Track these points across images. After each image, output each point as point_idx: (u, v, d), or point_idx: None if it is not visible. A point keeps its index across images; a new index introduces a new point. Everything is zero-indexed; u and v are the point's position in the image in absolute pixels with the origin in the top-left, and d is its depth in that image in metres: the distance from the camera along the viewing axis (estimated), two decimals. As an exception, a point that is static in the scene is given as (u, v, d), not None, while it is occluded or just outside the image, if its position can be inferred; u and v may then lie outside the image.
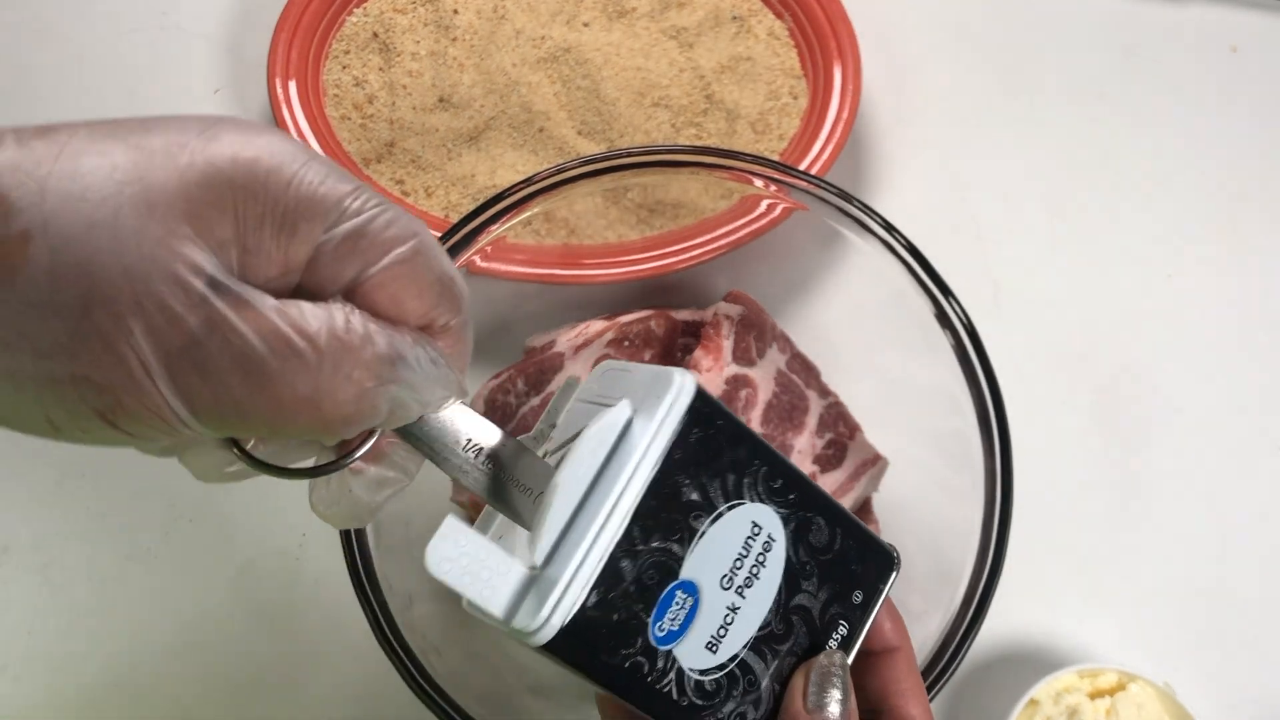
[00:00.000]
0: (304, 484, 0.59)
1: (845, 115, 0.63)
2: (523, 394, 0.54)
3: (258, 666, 0.57)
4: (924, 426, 0.53)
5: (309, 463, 0.28)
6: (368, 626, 0.46)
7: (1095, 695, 0.53)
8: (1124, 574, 0.60)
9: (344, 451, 0.28)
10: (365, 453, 0.28)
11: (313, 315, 0.23)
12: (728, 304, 0.56)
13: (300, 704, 0.56)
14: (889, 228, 0.51)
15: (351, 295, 0.25)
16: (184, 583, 0.58)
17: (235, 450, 0.26)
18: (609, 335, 0.55)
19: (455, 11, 0.66)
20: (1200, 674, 0.58)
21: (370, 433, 0.28)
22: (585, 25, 0.67)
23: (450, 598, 0.56)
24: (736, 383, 0.53)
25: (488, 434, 0.29)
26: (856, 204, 0.51)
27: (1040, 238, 0.68)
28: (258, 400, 0.23)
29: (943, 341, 0.50)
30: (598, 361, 0.55)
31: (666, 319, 0.57)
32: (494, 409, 0.54)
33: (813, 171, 0.62)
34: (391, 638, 0.46)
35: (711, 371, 0.53)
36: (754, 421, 0.53)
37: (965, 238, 0.68)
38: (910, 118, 0.71)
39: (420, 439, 0.28)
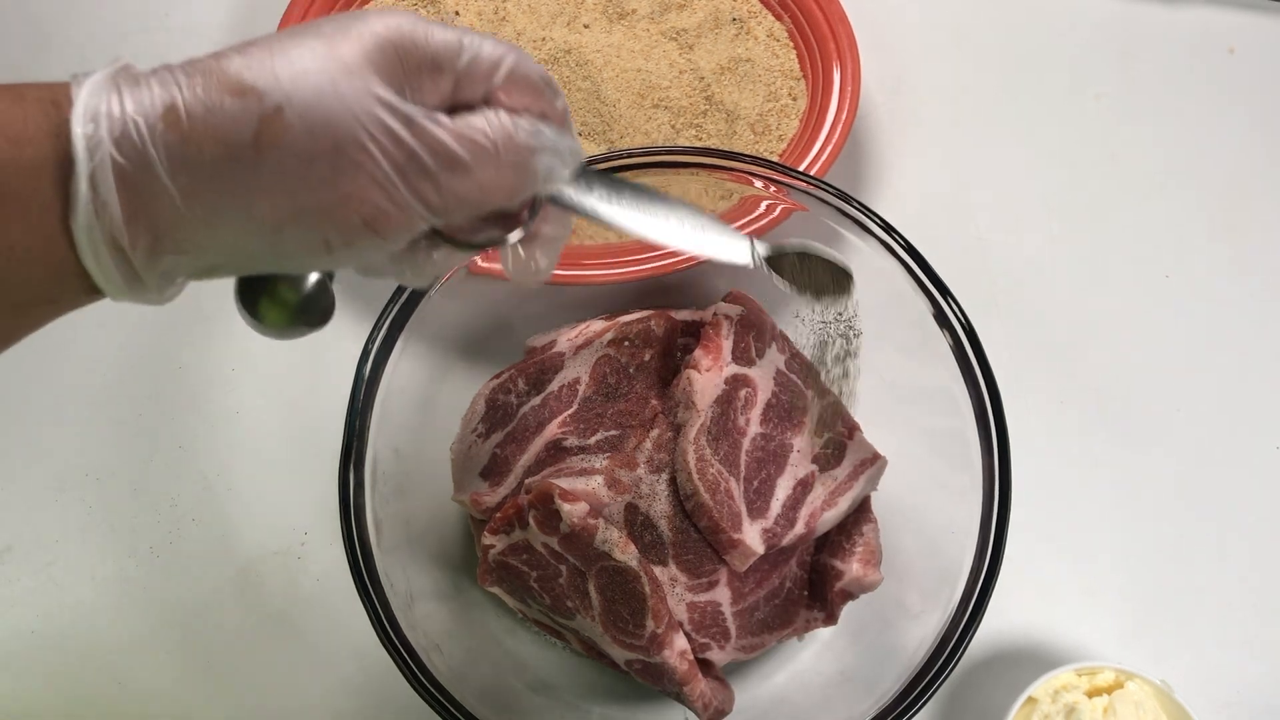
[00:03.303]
0: (302, 484, 0.59)
1: (844, 116, 0.63)
2: (523, 393, 0.55)
3: (260, 665, 0.57)
4: (923, 426, 0.53)
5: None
6: (369, 625, 0.46)
7: (1093, 693, 0.53)
8: (1122, 573, 0.61)
9: (517, 222, 0.36)
10: (534, 219, 0.36)
11: (477, 120, 0.32)
12: (727, 304, 0.56)
13: (302, 702, 0.57)
14: (888, 228, 0.51)
15: (488, 104, 0.34)
16: (186, 582, 0.58)
17: (449, 244, 0.35)
18: (609, 335, 0.55)
19: (456, 13, 0.66)
20: (1198, 672, 0.58)
21: (535, 204, 0.36)
22: (586, 27, 0.67)
23: (451, 596, 0.56)
24: (736, 382, 0.53)
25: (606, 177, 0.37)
26: (855, 205, 0.51)
27: (1039, 238, 0.69)
28: (463, 184, 0.32)
29: (941, 341, 0.50)
30: (599, 362, 0.55)
31: (666, 319, 0.57)
32: (495, 408, 0.54)
33: (812, 172, 0.62)
34: (393, 636, 0.46)
35: (711, 371, 0.53)
36: (753, 421, 0.53)
37: (964, 238, 0.68)
38: (909, 119, 0.72)
39: (566, 201, 0.36)
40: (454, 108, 0.33)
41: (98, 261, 0.29)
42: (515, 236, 0.36)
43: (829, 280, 0.43)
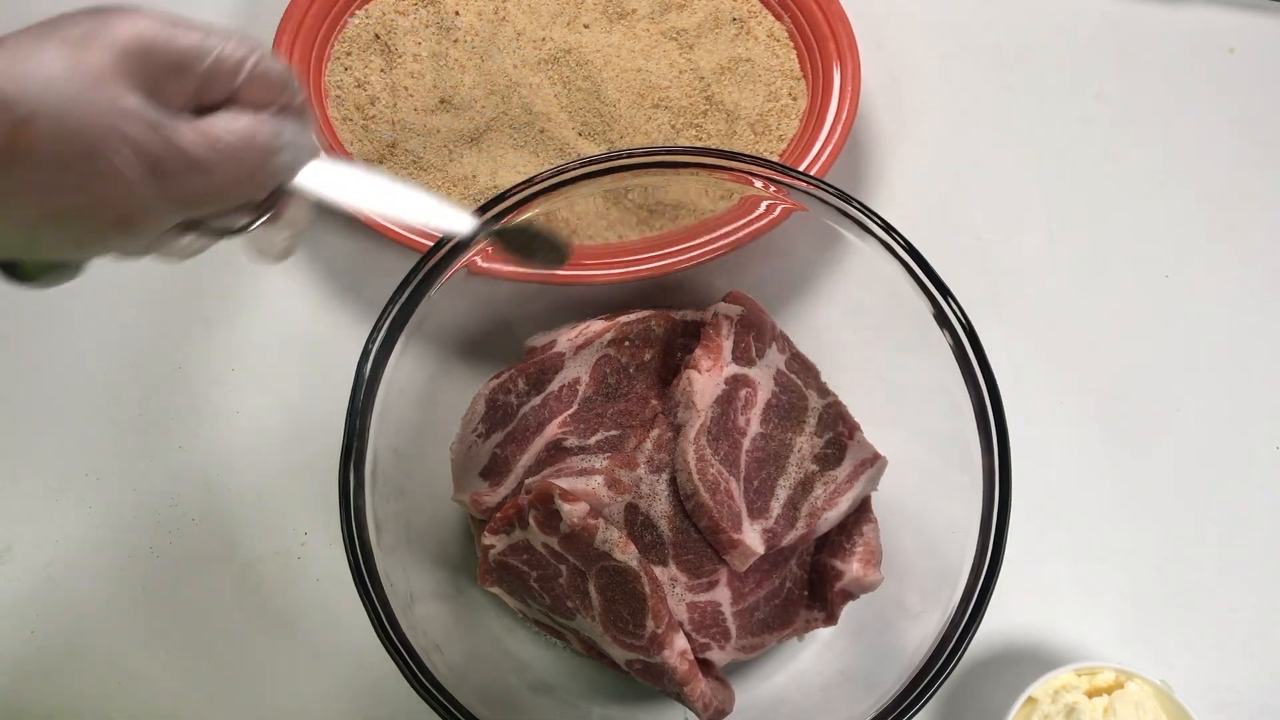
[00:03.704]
0: (302, 484, 0.59)
1: (844, 116, 0.63)
2: (523, 393, 0.55)
3: (260, 665, 0.57)
4: (923, 426, 0.53)
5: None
6: (369, 625, 0.46)
7: (1093, 693, 0.53)
8: (1122, 573, 0.61)
9: (263, 212, 0.39)
10: (276, 206, 0.39)
11: (220, 123, 0.34)
12: (727, 304, 0.56)
13: (302, 702, 0.57)
14: (888, 228, 0.51)
15: (232, 102, 0.36)
16: (186, 582, 0.58)
17: (196, 231, 0.37)
18: (609, 335, 0.55)
19: (456, 13, 0.66)
20: (1198, 672, 0.58)
21: (278, 193, 0.39)
22: (586, 27, 0.67)
23: (451, 596, 0.56)
24: (736, 382, 0.53)
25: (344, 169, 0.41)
26: (856, 205, 0.51)
27: (1038, 238, 0.69)
28: (207, 182, 0.34)
29: (941, 341, 0.50)
30: (599, 362, 0.55)
31: (666, 319, 0.57)
32: (495, 408, 0.54)
33: (812, 172, 0.62)
34: (393, 636, 0.46)
35: (711, 371, 0.53)
36: (754, 421, 0.53)
37: (964, 238, 0.68)
38: (909, 118, 0.72)
39: (306, 191, 0.39)
40: (200, 107, 0.35)
41: None
42: (259, 223, 0.39)
43: (547, 251, 0.47)
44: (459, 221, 0.44)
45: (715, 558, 0.52)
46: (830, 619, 0.54)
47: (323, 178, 0.39)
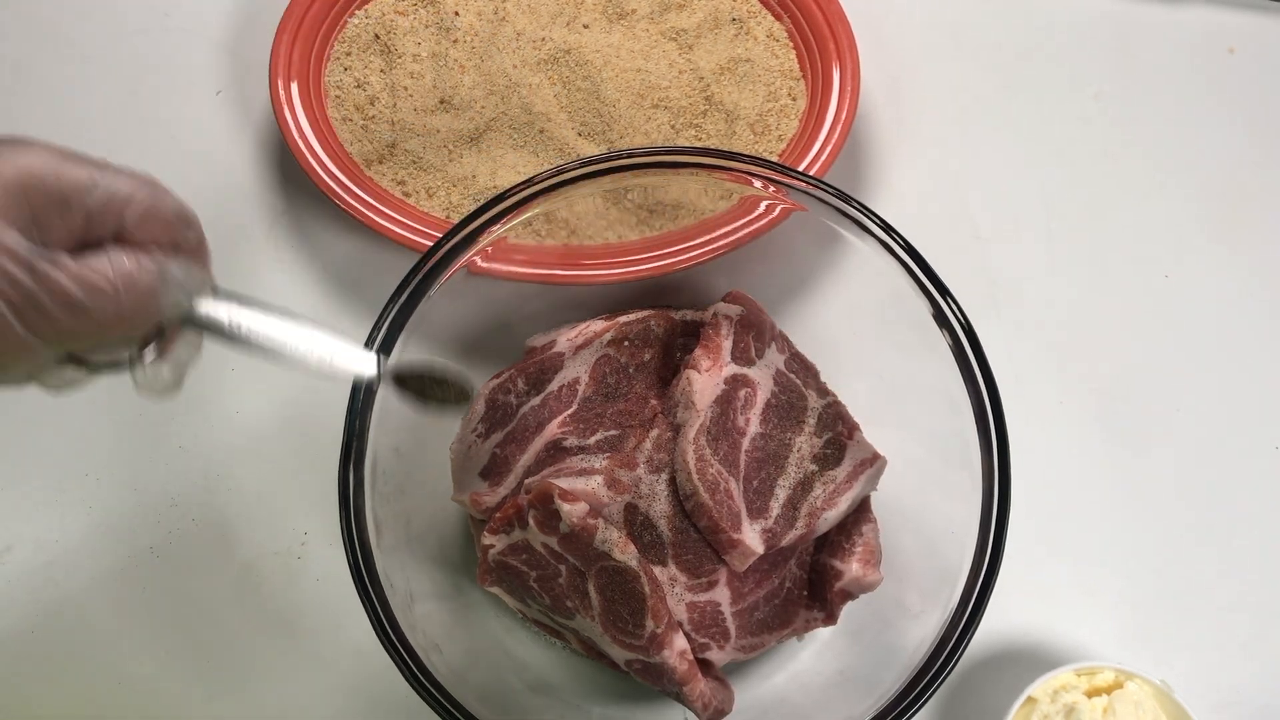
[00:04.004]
0: (302, 484, 0.59)
1: (844, 116, 0.63)
2: (523, 393, 0.55)
3: (259, 664, 0.57)
4: (922, 426, 0.53)
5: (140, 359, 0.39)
6: (369, 625, 0.46)
7: (1093, 693, 0.53)
8: (1122, 572, 0.61)
9: (145, 345, 0.38)
10: (163, 342, 0.38)
11: (100, 263, 0.34)
12: (727, 304, 0.56)
13: (302, 702, 0.57)
14: (887, 228, 0.51)
15: (121, 239, 0.35)
16: (186, 582, 0.58)
17: (74, 363, 0.37)
18: (609, 335, 0.55)
19: (456, 13, 0.66)
20: (1197, 672, 0.58)
21: (162, 329, 0.38)
22: (585, 27, 0.67)
23: (451, 596, 0.56)
24: (736, 382, 0.53)
25: (239, 309, 0.40)
26: (855, 205, 0.51)
27: (1038, 238, 0.69)
28: (80, 323, 0.34)
29: (941, 341, 0.50)
30: (598, 362, 0.55)
31: (666, 319, 0.57)
32: (495, 408, 0.54)
33: (811, 172, 0.62)
34: (393, 636, 0.46)
35: (711, 371, 0.53)
36: (753, 420, 0.53)
37: (963, 238, 0.68)
38: (908, 118, 0.72)
39: (198, 323, 0.39)
40: (85, 243, 0.35)
41: None
42: (148, 358, 0.38)
43: (450, 394, 0.45)
44: (358, 361, 0.42)
45: (715, 558, 0.52)
46: (830, 619, 0.54)
47: (217, 314, 0.39)
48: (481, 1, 0.67)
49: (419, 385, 0.45)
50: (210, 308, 0.38)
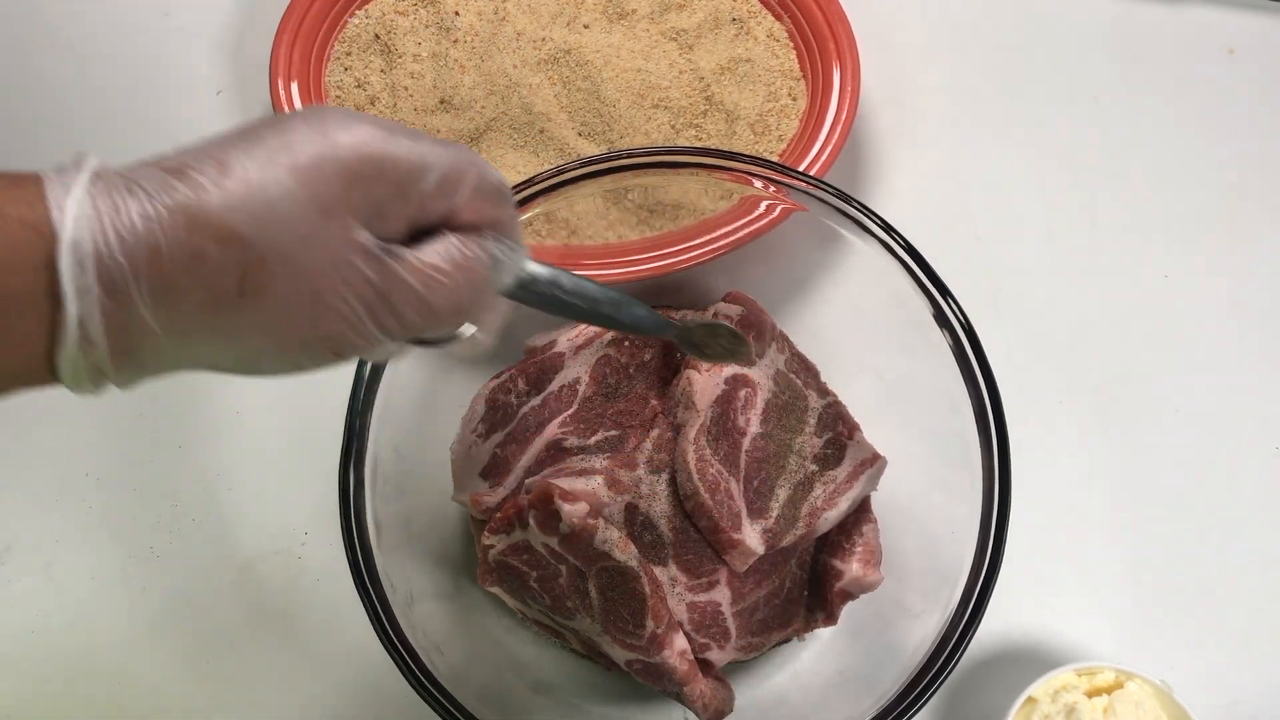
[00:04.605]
0: (302, 484, 0.59)
1: (844, 116, 0.63)
2: (523, 393, 0.55)
3: (260, 665, 0.57)
4: (922, 426, 0.53)
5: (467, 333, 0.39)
6: (369, 625, 0.46)
7: (1093, 693, 0.53)
8: (1122, 572, 0.61)
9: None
10: (486, 315, 0.38)
11: (438, 253, 0.33)
12: (727, 304, 0.56)
13: (301, 702, 0.57)
14: (888, 228, 0.51)
15: (451, 218, 0.34)
16: (186, 582, 0.58)
17: (413, 343, 0.37)
18: (609, 335, 0.55)
19: (456, 13, 0.66)
20: (1198, 672, 0.58)
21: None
22: (585, 27, 0.67)
23: (451, 597, 0.56)
24: (736, 382, 0.53)
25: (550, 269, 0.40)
26: (855, 205, 0.52)
27: (1038, 238, 0.69)
28: (423, 317, 0.33)
29: (941, 342, 0.50)
30: (599, 362, 0.55)
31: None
32: (495, 408, 0.54)
33: (812, 172, 0.62)
34: (393, 636, 0.46)
35: (711, 371, 0.53)
36: (753, 421, 0.53)
37: (963, 238, 0.68)
38: (909, 119, 0.72)
39: (516, 295, 0.38)
40: (417, 227, 0.34)
41: (75, 381, 0.30)
42: (468, 332, 0.38)
43: (731, 345, 0.46)
44: (656, 326, 0.43)
45: (715, 558, 0.52)
46: (830, 619, 0.54)
47: (535, 287, 0.38)
48: (482, 1, 0.67)
49: (702, 338, 0.46)
50: (529, 281, 0.38)
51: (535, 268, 0.38)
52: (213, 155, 0.30)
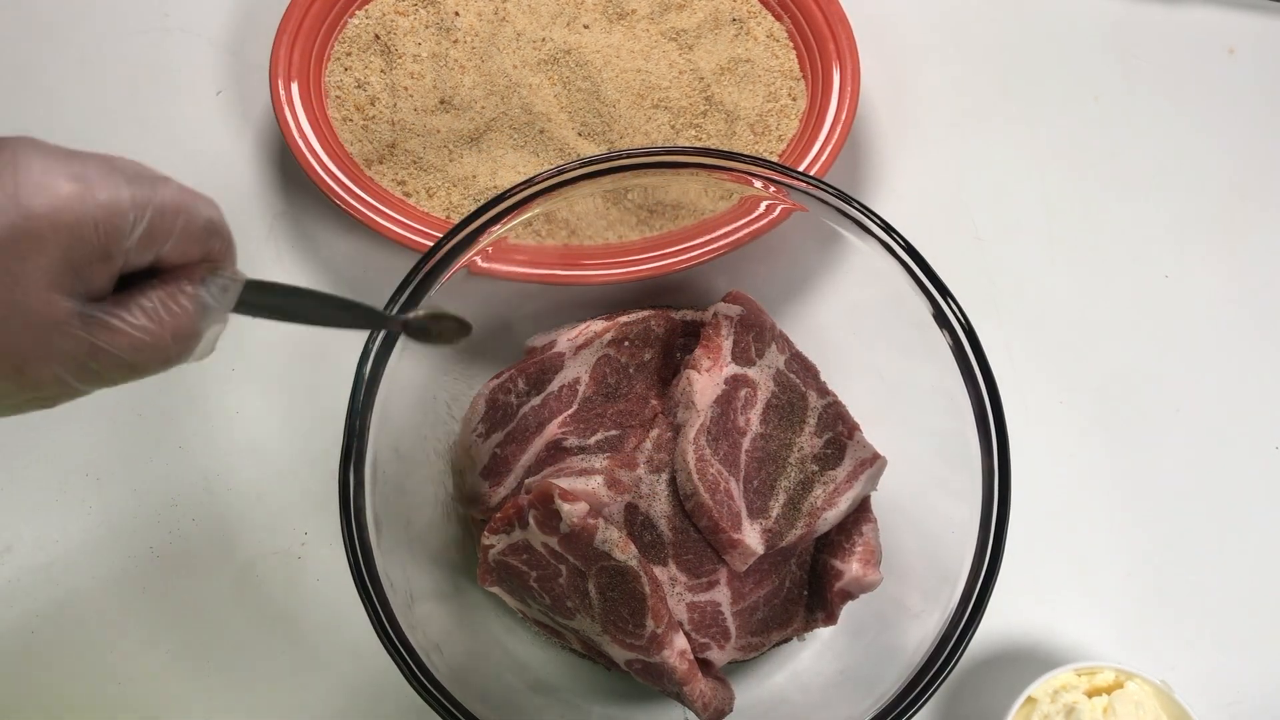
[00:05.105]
0: (302, 484, 0.58)
1: (844, 116, 0.63)
2: (523, 393, 0.55)
3: (259, 664, 0.57)
4: (922, 426, 0.53)
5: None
6: (369, 625, 0.46)
7: (1093, 693, 0.53)
8: (1122, 572, 0.61)
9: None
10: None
11: (144, 310, 0.34)
12: (727, 304, 0.56)
13: (301, 702, 0.57)
14: (887, 229, 0.51)
15: (160, 262, 0.34)
16: (186, 582, 0.58)
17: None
18: (609, 335, 0.55)
19: (456, 14, 0.66)
20: (1198, 672, 0.58)
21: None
22: (585, 27, 0.67)
23: (451, 597, 0.56)
24: (736, 382, 0.53)
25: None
26: (855, 205, 0.52)
27: (1038, 238, 0.69)
28: (132, 368, 0.34)
29: (941, 342, 0.50)
30: (599, 362, 0.55)
31: (666, 319, 0.57)
32: (495, 408, 0.54)
33: (812, 173, 0.62)
34: (393, 636, 0.46)
35: (711, 371, 0.53)
36: (753, 421, 0.53)
37: (963, 238, 0.68)
38: (909, 119, 0.72)
39: (241, 310, 0.38)
40: (122, 273, 0.34)
41: None
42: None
43: (455, 327, 0.46)
44: (381, 321, 0.45)
45: (715, 558, 0.52)
46: (830, 619, 0.54)
47: (247, 307, 0.38)
48: (482, 2, 0.67)
49: (425, 329, 0.46)
50: (247, 302, 0.38)
51: (250, 290, 0.38)
52: None
